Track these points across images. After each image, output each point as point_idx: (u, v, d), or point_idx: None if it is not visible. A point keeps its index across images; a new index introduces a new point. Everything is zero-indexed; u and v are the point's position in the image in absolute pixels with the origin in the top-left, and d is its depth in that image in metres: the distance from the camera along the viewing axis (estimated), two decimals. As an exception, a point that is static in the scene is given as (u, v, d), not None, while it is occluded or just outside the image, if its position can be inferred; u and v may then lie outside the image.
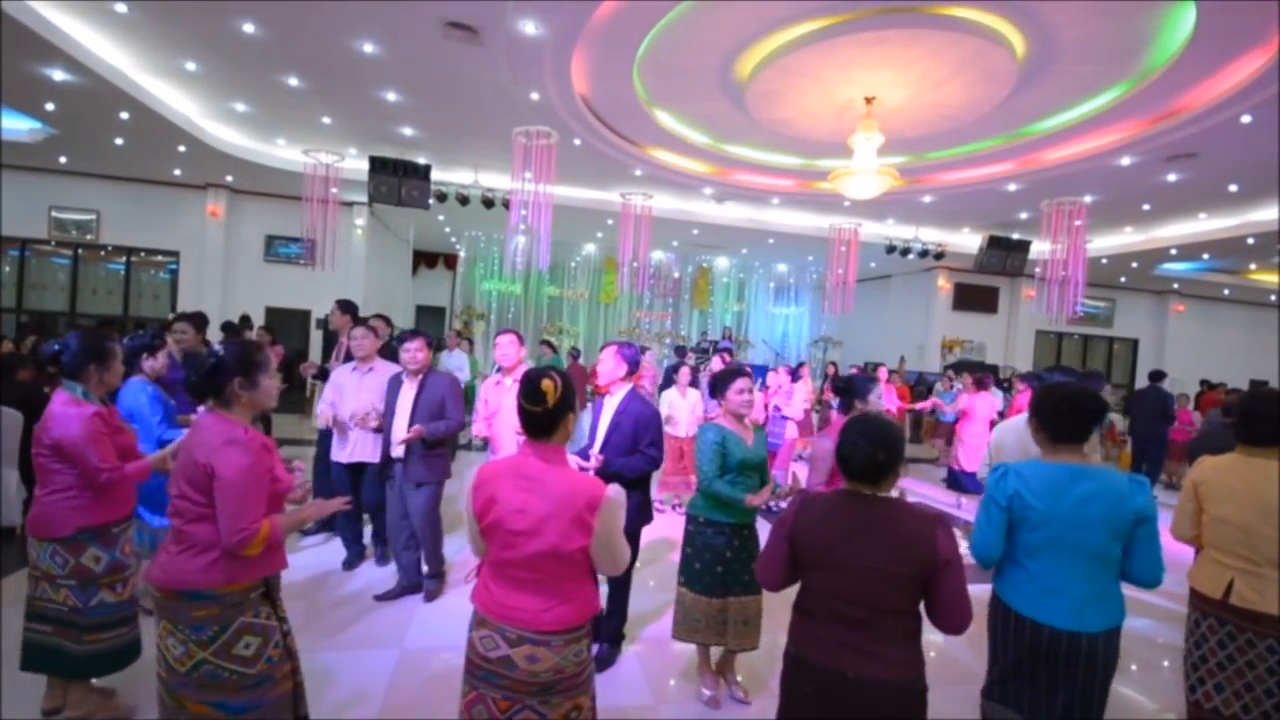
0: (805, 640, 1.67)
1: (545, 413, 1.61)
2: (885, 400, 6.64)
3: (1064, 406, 1.92)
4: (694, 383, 6.32)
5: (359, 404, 3.75)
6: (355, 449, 3.91)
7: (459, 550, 4.32)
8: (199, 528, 1.73)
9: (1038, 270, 9.99)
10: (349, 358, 4.20)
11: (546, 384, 1.59)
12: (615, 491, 1.62)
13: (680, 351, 10.20)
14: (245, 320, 7.49)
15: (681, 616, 2.82)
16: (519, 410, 1.65)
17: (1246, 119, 5.73)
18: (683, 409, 5.97)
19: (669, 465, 5.78)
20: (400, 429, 3.48)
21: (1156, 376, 8.52)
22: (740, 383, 2.82)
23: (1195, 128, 6.04)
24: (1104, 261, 11.34)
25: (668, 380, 6.89)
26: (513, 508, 1.58)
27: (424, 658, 3.05)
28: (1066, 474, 1.87)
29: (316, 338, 10.69)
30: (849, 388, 3.15)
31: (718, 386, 2.90)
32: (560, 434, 1.66)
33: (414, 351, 3.46)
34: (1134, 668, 3.46)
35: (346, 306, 4.81)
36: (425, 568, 3.72)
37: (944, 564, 1.51)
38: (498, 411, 3.71)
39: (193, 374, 1.83)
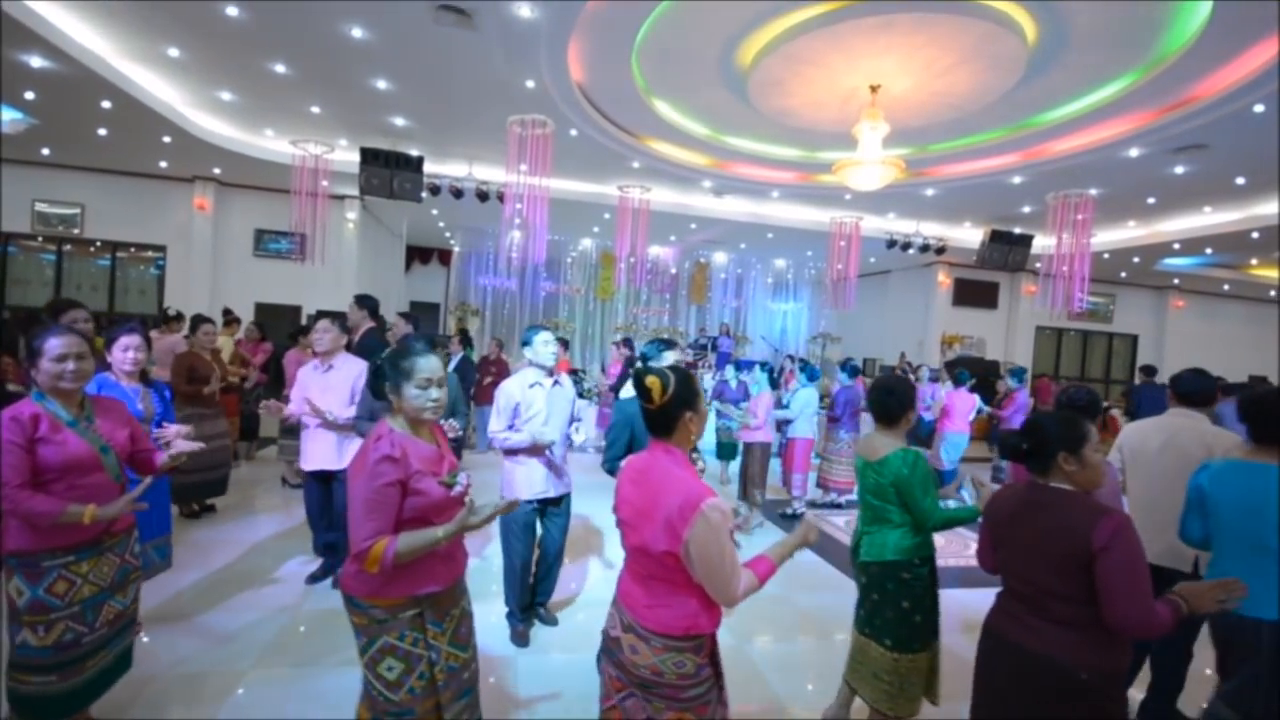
0: (992, 609, 1.87)
1: (658, 410, 1.58)
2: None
3: (1263, 410, 2.04)
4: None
5: (325, 404, 3.52)
6: (316, 457, 3.70)
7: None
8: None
9: (1039, 265, 9.88)
10: (361, 354, 4.01)
11: (650, 380, 1.57)
12: (712, 506, 1.44)
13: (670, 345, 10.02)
14: (230, 314, 7.26)
15: (898, 688, 2.30)
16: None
17: (1259, 108, 5.61)
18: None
19: None
20: None
21: (1149, 371, 8.54)
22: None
23: (1206, 117, 5.90)
24: (1106, 256, 11.25)
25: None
26: (622, 497, 1.66)
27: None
28: (1246, 470, 2.02)
29: (308, 334, 10.48)
30: (1085, 407, 2.58)
31: (905, 402, 2.39)
32: (680, 434, 1.61)
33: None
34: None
35: (364, 302, 4.53)
36: None
37: (1097, 552, 1.55)
38: (542, 415, 3.27)
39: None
